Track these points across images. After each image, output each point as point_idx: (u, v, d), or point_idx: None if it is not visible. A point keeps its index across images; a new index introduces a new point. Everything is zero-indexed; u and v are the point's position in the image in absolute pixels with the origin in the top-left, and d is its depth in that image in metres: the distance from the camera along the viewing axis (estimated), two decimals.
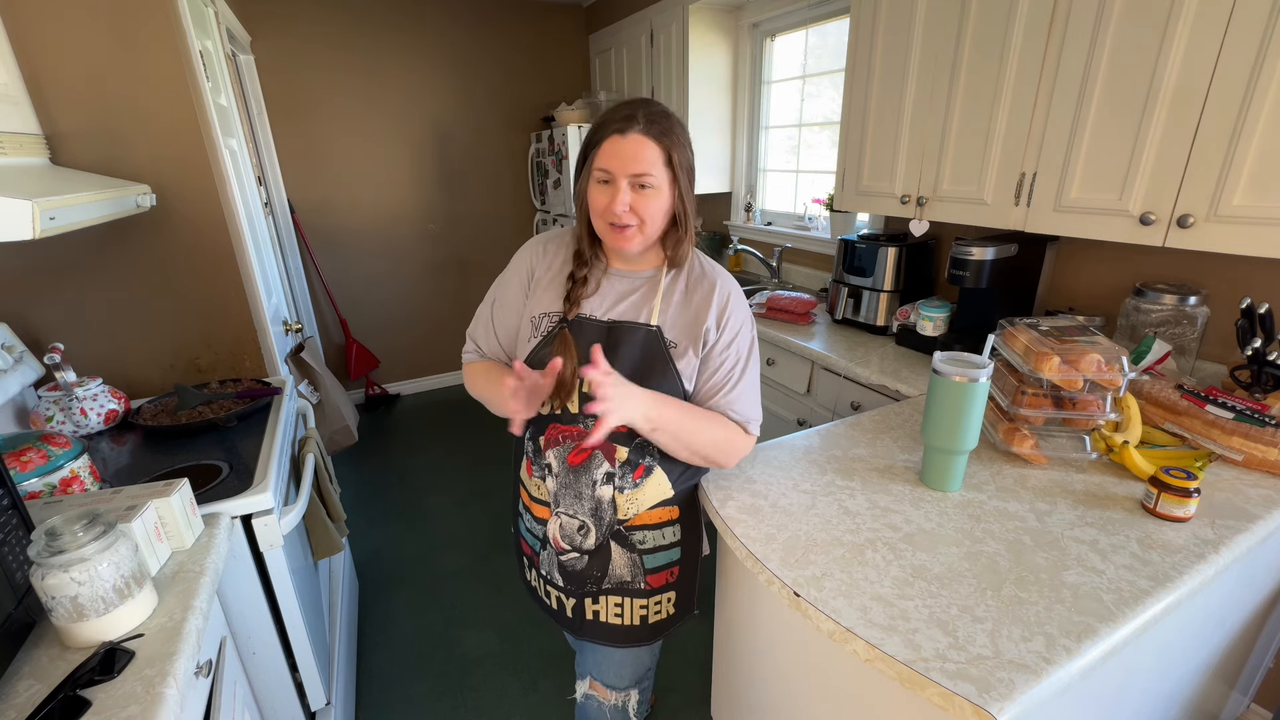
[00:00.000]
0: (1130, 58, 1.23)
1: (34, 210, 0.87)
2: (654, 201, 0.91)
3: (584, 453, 0.99)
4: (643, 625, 1.10)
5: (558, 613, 1.12)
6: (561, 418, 0.98)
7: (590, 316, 0.98)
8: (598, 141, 0.90)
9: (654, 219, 0.92)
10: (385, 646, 1.91)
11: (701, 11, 2.71)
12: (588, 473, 0.99)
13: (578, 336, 0.97)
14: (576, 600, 1.08)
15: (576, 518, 1.02)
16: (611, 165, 0.89)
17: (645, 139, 0.88)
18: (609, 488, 1.00)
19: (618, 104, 0.91)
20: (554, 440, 1.00)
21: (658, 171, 0.89)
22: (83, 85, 1.38)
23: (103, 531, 0.78)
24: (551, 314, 1.00)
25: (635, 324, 0.97)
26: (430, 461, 3.04)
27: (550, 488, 1.02)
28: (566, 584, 1.08)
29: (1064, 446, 1.15)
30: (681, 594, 1.12)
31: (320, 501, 1.46)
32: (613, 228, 0.92)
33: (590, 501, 1.01)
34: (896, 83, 1.74)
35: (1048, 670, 0.68)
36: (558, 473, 1.01)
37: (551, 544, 1.06)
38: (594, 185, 0.92)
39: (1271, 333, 1.16)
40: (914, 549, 0.90)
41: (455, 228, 3.74)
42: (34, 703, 0.70)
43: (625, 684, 1.18)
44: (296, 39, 3.06)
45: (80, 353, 1.53)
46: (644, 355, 0.96)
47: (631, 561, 1.06)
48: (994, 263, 1.64)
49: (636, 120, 0.88)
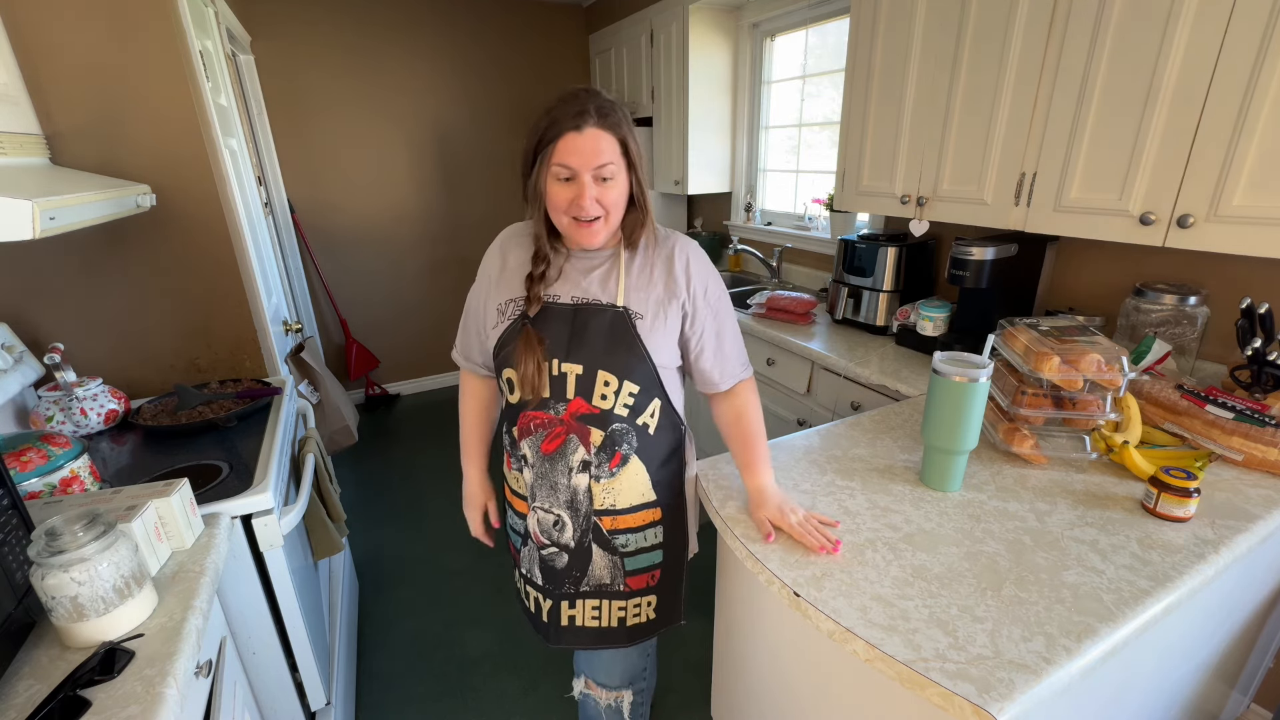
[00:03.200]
0: (1130, 57, 1.23)
1: (34, 210, 0.87)
2: (615, 191, 0.91)
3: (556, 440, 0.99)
4: (620, 627, 1.09)
5: (534, 616, 1.11)
6: (532, 405, 0.97)
7: (555, 299, 0.97)
8: (552, 139, 0.88)
9: (617, 207, 0.93)
10: (385, 646, 1.91)
11: (701, 11, 2.71)
12: (563, 459, 0.98)
13: (544, 322, 0.96)
14: (553, 603, 1.07)
15: (551, 512, 1.01)
16: (572, 161, 0.88)
17: (601, 132, 0.87)
18: (585, 476, 0.99)
19: (563, 98, 0.89)
20: (526, 429, 0.99)
21: (617, 160, 0.90)
22: (83, 85, 1.38)
23: (103, 531, 0.78)
24: (517, 299, 0.99)
25: (601, 304, 0.96)
26: (430, 461, 3.04)
27: (527, 479, 1.02)
28: (545, 583, 1.07)
29: (1064, 446, 1.15)
30: (663, 598, 1.10)
31: (320, 501, 1.46)
32: (578, 223, 0.92)
33: (566, 492, 1.00)
34: (896, 83, 1.74)
35: (1048, 670, 0.68)
36: (533, 463, 1.00)
37: (532, 539, 1.06)
38: (554, 183, 0.91)
39: (1271, 333, 1.16)
40: (914, 549, 0.90)
41: (455, 227, 3.74)
42: (34, 703, 0.70)
43: (616, 683, 1.19)
44: (296, 39, 3.05)
45: (80, 353, 1.53)
46: (612, 334, 0.96)
47: (612, 564, 1.05)
48: (994, 263, 1.64)
49: (589, 114, 0.87)
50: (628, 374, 0.96)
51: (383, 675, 1.81)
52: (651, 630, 1.11)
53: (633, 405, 0.97)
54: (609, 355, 0.95)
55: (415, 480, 2.89)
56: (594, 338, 0.95)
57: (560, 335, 0.95)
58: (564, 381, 0.95)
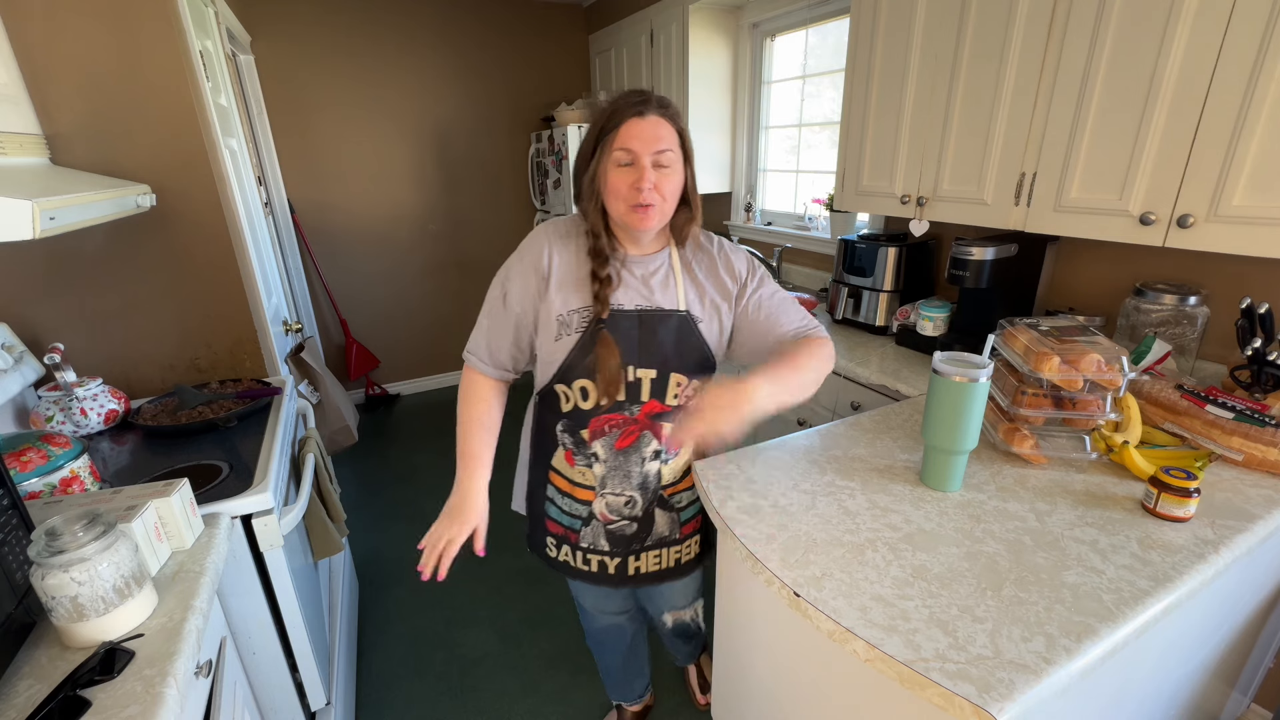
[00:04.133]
0: (1130, 57, 1.23)
1: (34, 210, 0.87)
2: (672, 179, 0.95)
3: (632, 435, 1.07)
4: (677, 566, 1.23)
5: (598, 575, 1.21)
6: (607, 409, 1.05)
7: (620, 307, 1.01)
8: (614, 126, 0.92)
9: (672, 196, 0.97)
10: (385, 646, 1.91)
11: (701, 11, 2.71)
12: (637, 452, 1.08)
13: (614, 329, 1.01)
14: (620, 560, 1.19)
15: (623, 494, 1.11)
16: (633, 145, 0.91)
17: (661, 119, 0.93)
18: (656, 463, 1.10)
19: (623, 93, 0.95)
20: (600, 431, 1.07)
21: (674, 149, 0.94)
22: (83, 85, 1.38)
23: (103, 531, 0.78)
24: (581, 310, 1.01)
25: (665, 310, 1.03)
26: (430, 461, 3.04)
27: (598, 473, 1.11)
28: (613, 548, 1.17)
29: (1064, 446, 1.15)
30: (703, 535, 1.26)
31: (320, 501, 1.46)
32: (634, 208, 0.94)
33: (639, 477, 1.10)
34: (896, 83, 1.74)
35: (1048, 670, 0.68)
36: (605, 459, 1.09)
37: (598, 519, 1.15)
38: (614, 169, 0.94)
39: (1271, 333, 1.16)
40: (914, 549, 0.90)
41: (455, 227, 3.74)
42: (34, 703, 0.70)
43: (689, 602, 1.42)
44: (296, 39, 3.06)
45: (80, 353, 1.53)
46: (678, 337, 1.03)
47: (671, 519, 1.18)
48: (994, 263, 1.64)
49: (651, 103, 0.93)
50: (698, 374, 1.06)
51: (383, 675, 1.81)
52: (698, 562, 1.27)
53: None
54: (680, 359, 1.03)
55: (415, 480, 2.89)
56: (663, 343, 1.02)
57: (630, 342, 1.01)
58: (638, 386, 1.03)
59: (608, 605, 1.40)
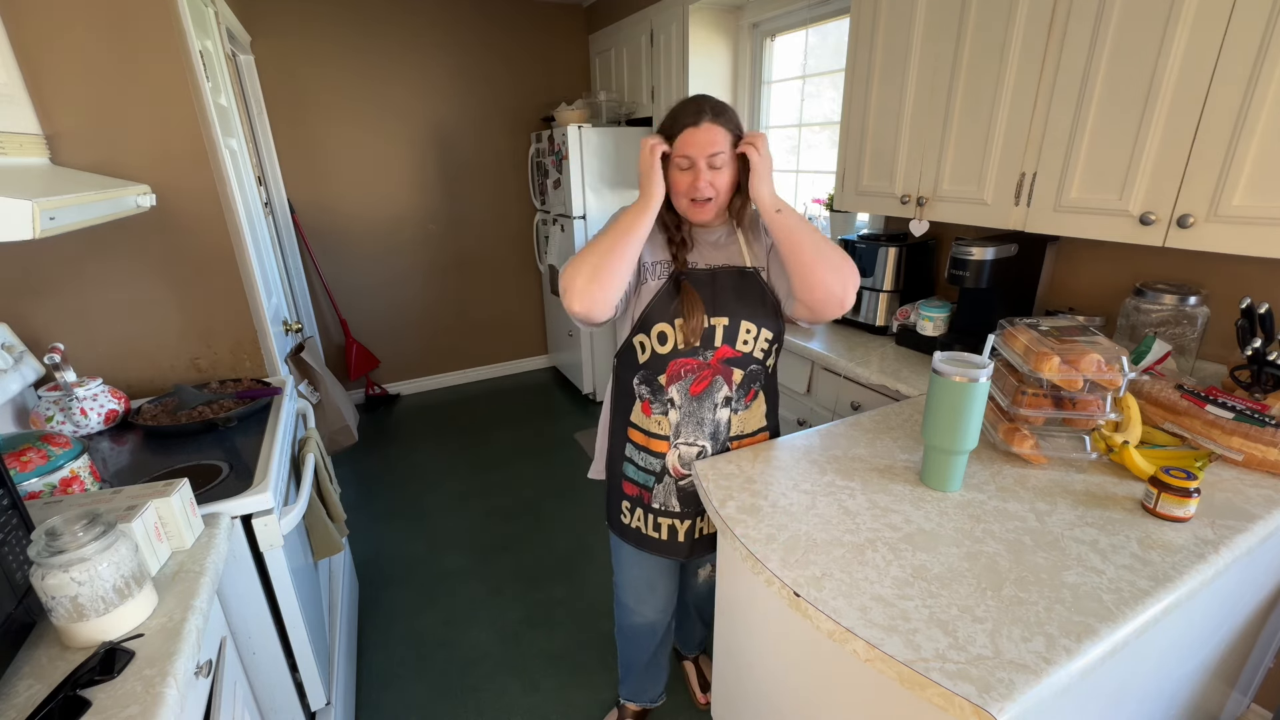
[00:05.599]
0: (1130, 57, 1.23)
1: (34, 210, 0.87)
2: (724, 176, 1.10)
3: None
4: None
5: (667, 543, 1.27)
6: (684, 353, 1.14)
7: (695, 265, 1.16)
8: (673, 136, 1.08)
9: (724, 191, 1.11)
10: (385, 646, 1.91)
11: (701, 11, 2.71)
12: (709, 398, 1.17)
13: (691, 282, 1.14)
14: (690, 523, 1.25)
15: (695, 444, 1.19)
16: (691, 151, 1.07)
17: (715, 126, 1.06)
18: (726, 410, 1.19)
19: (683, 101, 1.10)
20: (676, 375, 1.16)
21: (726, 151, 1.07)
22: (83, 85, 1.38)
23: (103, 531, 0.78)
24: (663, 262, 1.16)
25: (734, 267, 1.17)
26: (430, 461, 3.04)
27: (673, 420, 1.18)
28: (683, 508, 1.24)
29: (1064, 446, 1.15)
30: None
31: (320, 501, 1.46)
32: (693, 203, 1.11)
33: (710, 425, 1.19)
34: (896, 83, 1.74)
35: (1048, 670, 0.68)
36: (680, 404, 1.17)
37: (671, 473, 1.21)
38: (676, 172, 1.10)
39: (1271, 333, 1.16)
40: (914, 549, 0.90)
41: (455, 227, 3.74)
42: (34, 703, 0.70)
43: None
44: (296, 39, 3.06)
45: (80, 353, 1.53)
46: (747, 290, 1.16)
47: None
48: (994, 263, 1.64)
49: (705, 112, 1.06)
50: (765, 323, 1.16)
51: (383, 675, 1.81)
52: None
53: (767, 350, 1.18)
54: (748, 308, 1.15)
55: (415, 480, 2.88)
56: (733, 295, 1.15)
57: (706, 295, 1.14)
58: (713, 332, 1.14)
59: (649, 603, 1.42)
